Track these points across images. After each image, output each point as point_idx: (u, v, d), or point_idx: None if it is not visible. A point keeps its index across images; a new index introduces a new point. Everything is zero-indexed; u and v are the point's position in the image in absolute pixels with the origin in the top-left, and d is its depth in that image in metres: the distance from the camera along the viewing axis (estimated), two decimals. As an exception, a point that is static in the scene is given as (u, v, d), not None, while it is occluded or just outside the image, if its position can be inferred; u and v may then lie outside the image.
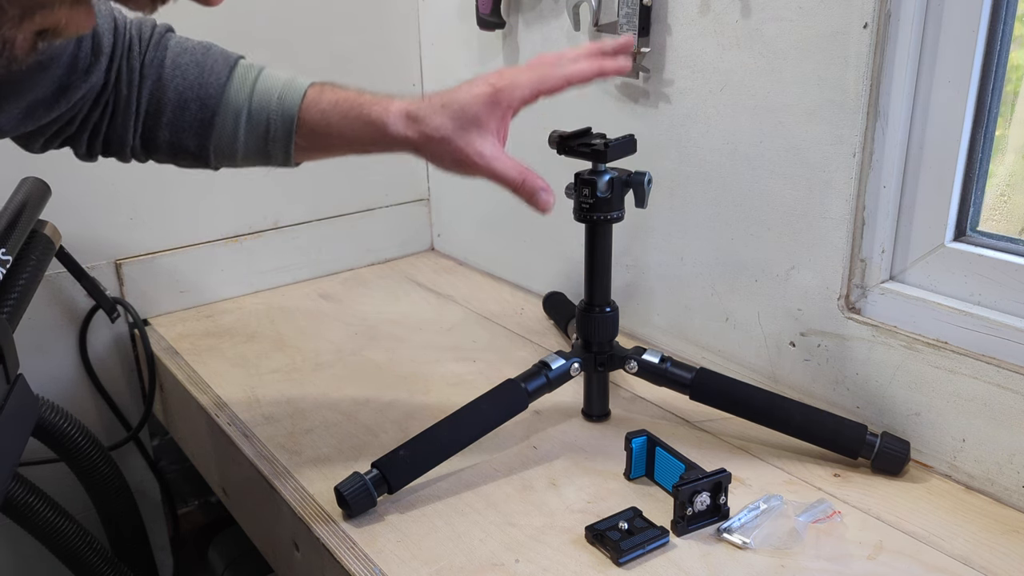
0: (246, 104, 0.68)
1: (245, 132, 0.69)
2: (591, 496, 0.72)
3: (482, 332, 1.06)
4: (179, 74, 0.67)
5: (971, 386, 0.71)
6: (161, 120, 0.68)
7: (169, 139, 0.68)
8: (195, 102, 0.67)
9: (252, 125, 0.68)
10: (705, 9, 0.84)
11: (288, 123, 0.68)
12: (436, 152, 0.67)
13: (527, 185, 0.68)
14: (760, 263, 0.86)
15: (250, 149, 0.70)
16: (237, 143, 0.69)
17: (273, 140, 0.69)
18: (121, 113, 0.67)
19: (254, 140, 0.69)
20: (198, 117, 0.68)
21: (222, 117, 0.68)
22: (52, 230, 0.81)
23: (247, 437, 0.83)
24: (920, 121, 0.74)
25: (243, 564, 1.15)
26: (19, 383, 0.59)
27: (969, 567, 0.63)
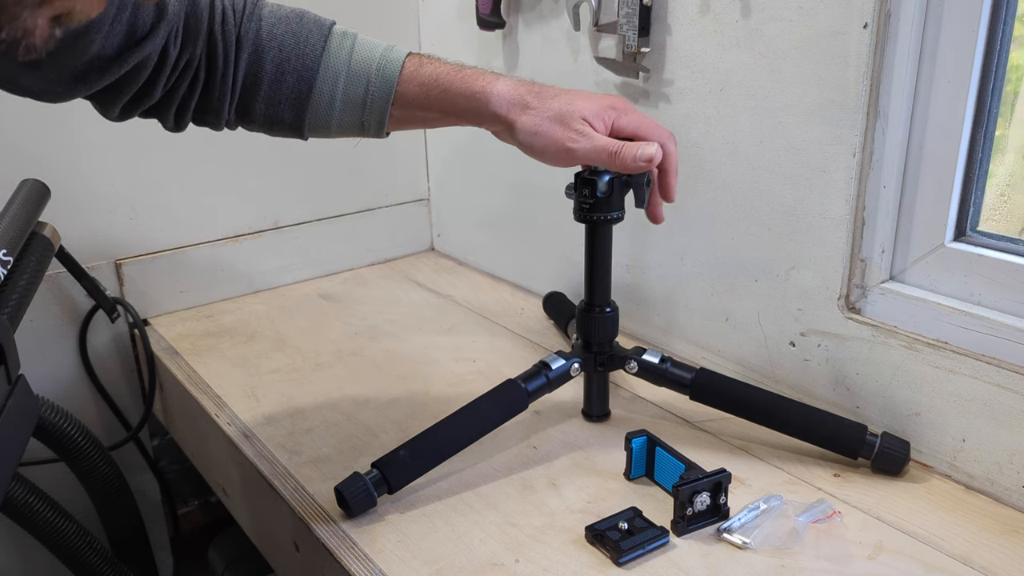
0: (343, 75, 0.67)
1: (341, 103, 0.68)
2: (591, 496, 0.72)
3: (482, 332, 1.06)
4: (275, 45, 0.66)
5: (971, 386, 0.71)
6: (258, 93, 0.67)
7: (265, 112, 0.68)
8: (292, 74, 0.67)
9: (349, 97, 0.68)
10: (705, 9, 0.84)
11: (386, 95, 0.68)
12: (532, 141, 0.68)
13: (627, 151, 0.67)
14: (760, 263, 0.86)
15: (345, 120, 0.69)
16: (333, 114, 0.69)
17: (369, 111, 0.68)
18: (217, 86, 0.66)
19: (350, 112, 0.69)
20: (295, 89, 0.67)
21: (319, 89, 0.67)
22: (51, 231, 0.82)
23: (247, 437, 0.83)
24: (920, 121, 0.74)
25: (243, 564, 1.15)
26: (20, 383, 0.59)
27: (969, 567, 0.63)
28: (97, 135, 1.02)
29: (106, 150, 1.04)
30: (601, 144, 0.67)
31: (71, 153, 1.01)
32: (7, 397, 0.56)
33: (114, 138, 1.04)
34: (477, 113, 0.68)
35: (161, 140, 1.07)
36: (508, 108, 0.67)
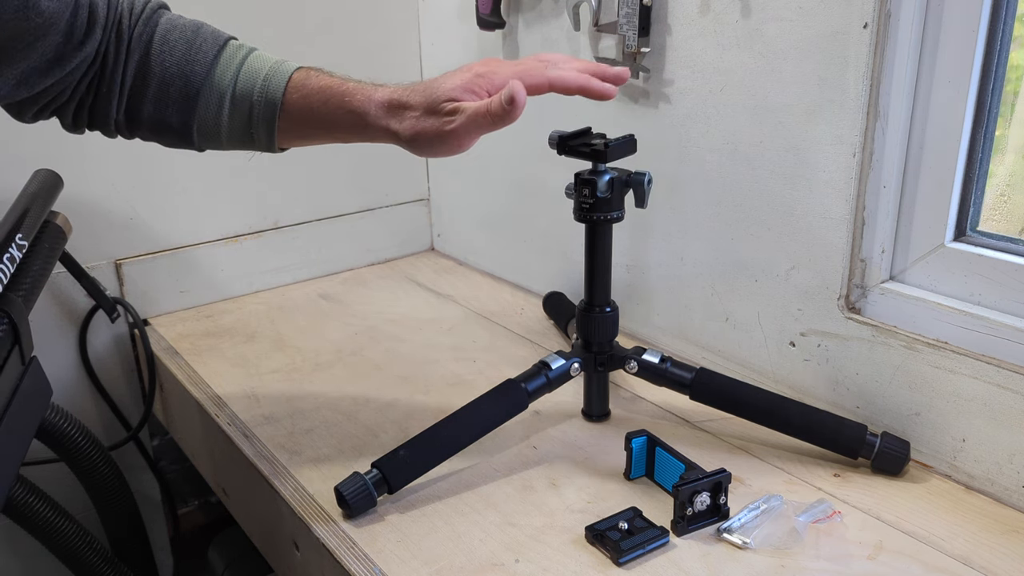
0: (231, 85, 0.67)
1: (229, 112, 0.68)
2: (591, 496, 0.72)
3: (482, 332, 1.06)
4: (166, 50, 0.67)
5: (971, 386, 0.71)
6: (146, 95, 0.67)
7: (152, 114, 0.68)
8: (180, 79, 0.67)
9: (236, 106, 0.68)
10: (705, 9, 0.84)
11: (272, 106, 0.67)
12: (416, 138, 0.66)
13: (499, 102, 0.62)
14: (760, 263, 0.86)
15: (234, 130, 0.69)
16: (221, 123, 0.68)
17: (256, 123, 0.68)
18: (106, 84, 0.66)
19: (238, 121, 0.68)
20: (183, 93, 0.67)
21: (206, 96, 0.67)
22: (63, 220, 0.83)
23: (247, 437, 0.83)
24: (920, 121, 0.74)
25: (243, 564, 1.15)
26: (33, 365, 0.60)
27: (969, 567, 0.63)
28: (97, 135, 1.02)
29: (106, 150, 1.03)
30: (471, 112, 0.64)
31: (71, 153, 1.01)
32: (21, 377, 0.57)
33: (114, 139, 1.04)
34: (363, 129, 0.67)
35: (161, 140, 1.08)
36: (386, 119, 0.66)
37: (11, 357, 0.56)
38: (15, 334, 0.57)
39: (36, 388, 0.60)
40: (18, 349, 0.57)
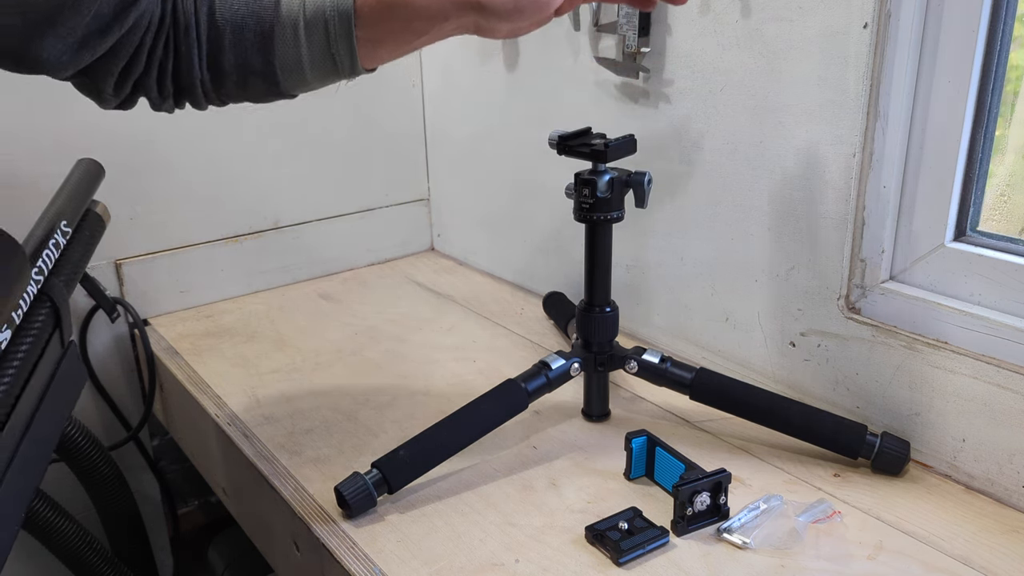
0: (300, 10, 0.67)
1: (306, 38, 0.67)
2: (591, 496, 0.72)
3: (482, 332, 1.06)
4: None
5: (971, 386, 0.71)
6: (223, 44, 0.67)
7: (235, 62, 0.67)
8: (251, 18, 0.66)
9: (311, 29, 0.67)
10: (705, 9, 0.84)
11: (347, 16, 0.66)
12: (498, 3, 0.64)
13: None
14: (760, 263, 0.86)
15: (315, 58, 0.68)
16: (301, 53, 0.68)
17: (335, 39, 0.67)
18: (184, 43, 0.66)
19: (317, 45, 0.68)
20: (257, 32, 0.67)
21: (281, 27, 0.67)
22: (103, 209, 0.85)
23: (247, 437, 0.83)
24: (920, 121, 0.74)
25: (243, 564, 1.15)
26: (71, 349, 0.61)
27: (969, 567, 0.63)
28: (97, 135, 1.02)
29: (106, 149, 1.03)
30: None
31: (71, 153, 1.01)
32: (60, 360, 0.58)
33: (115, 137, 1.04)
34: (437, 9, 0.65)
35: (161, 139, 1.08)
36: None
37: (52, 341, 0.58)
38: (57, 318, 0.59)
39: (73, 372, 0.61)
40: (59, 333, 0.59)
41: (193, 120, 1.09)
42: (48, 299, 0.59)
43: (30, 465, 0.52)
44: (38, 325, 0.56)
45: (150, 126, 1.06)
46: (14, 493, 0.49)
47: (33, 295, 0.58)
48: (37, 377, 0.55)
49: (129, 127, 1.04)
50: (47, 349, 0.57)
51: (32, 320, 0.56)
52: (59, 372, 0.58)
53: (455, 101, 1.24)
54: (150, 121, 1.05)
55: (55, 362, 0.58)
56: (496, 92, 1.13)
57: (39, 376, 0.55)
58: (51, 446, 0.58)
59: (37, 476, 0.55)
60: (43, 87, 0.92)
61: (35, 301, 0.58)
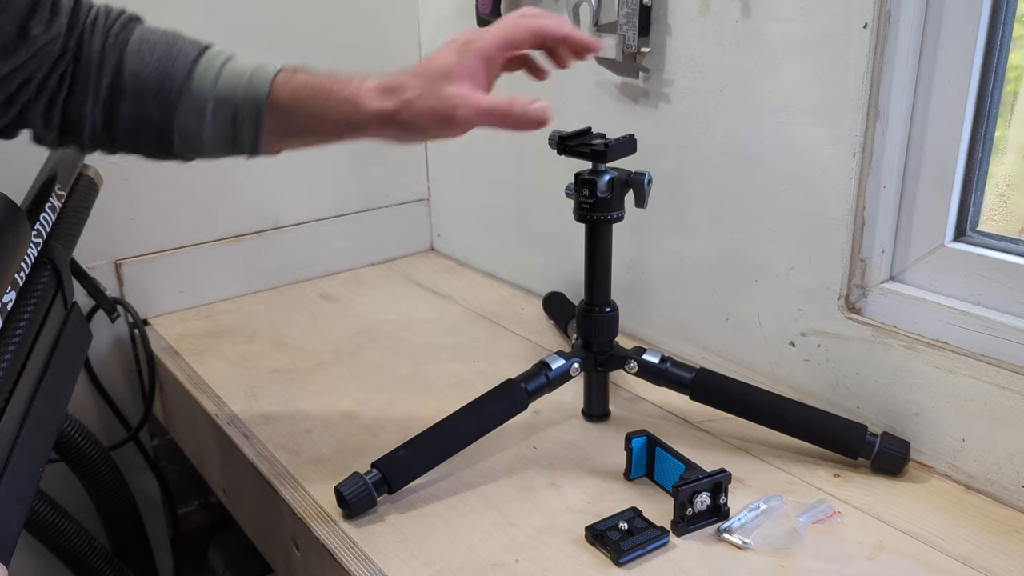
0: (214, 84, 0.66)
1: (212, 112, 0.66)
2: (591, 496, 0.72)
3: (482, 332, 1.06)
4: (147, 49, 0.65)
5: (971, 386, 0.71)
6: (124, 92, 0.65)
7: (132, 113, 0.66)
8: (160, 75, 0.65)
9: (220, 105, 0.66)
10: (705, 9, 0.84)
11: (257, 103, 0.66)
12: (415, 119, 0.64)
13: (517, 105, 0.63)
14: (760, 263, 0.86)
15: (219, 132, 0.67)
16: (204, 123, 0.66)
17: (241, 122, 0.66)
18: (82, 81, 0.64)
19: (222, 121, 0.66)
20: (164, 89, 0.65)
21: (188, 95, 0.66)
22: (95, 173, 0.85)
23: (247, 437, 0.83)
24: (920, 121, 0.74)
25: (243, 564, 1.15)
26: (75, 310, 0.61)
27: (969, 567, 0.63)
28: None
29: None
30: (485, 106, 0.63)
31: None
32: (64, 321, 0.59)
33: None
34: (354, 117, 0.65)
35: (161, 140, 1.08)
36: (379, 99, 0.64)
37: (55, 302, 0.58)
38: (58, 280, 0.59)
39: (78, 332, 0.62)
40: (61, 295, 0.59)
41: (193, 120, 1.09)
42: (48, 261, 0.59)
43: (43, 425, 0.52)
44: (41, 287, 0.57)
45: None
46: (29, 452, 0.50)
47: (34, 258, 0.58)
48: (44, 338, 0.55)
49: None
50: (51, 310, 0.57)
51: (35, 282, 0.57)
52: (64, 332, 0.59)
53: (455, 101, 1.23)
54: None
55: (60, 322, 0.59)
56: (496, 92, 1.13)
57: (45, 336, 0.56)
58: (62, 406, 0.58)
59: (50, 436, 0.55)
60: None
61: (36, 264, 0.58)
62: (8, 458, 0.47)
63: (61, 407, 0.58)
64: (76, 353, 0.62)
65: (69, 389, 0.60)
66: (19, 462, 0.48)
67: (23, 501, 0.48)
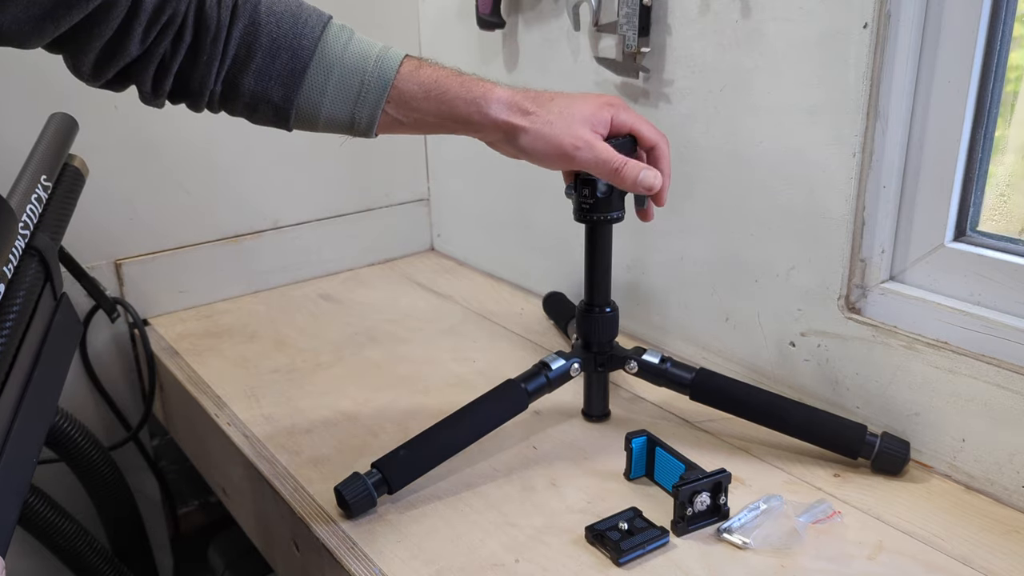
0: (339, 61, 0.66)
1: (334, 89, 0.66)
2: (591, 496, 0.72)
3: (482, 332, 1.06)
4: (274, 21, 0.65)
5: (971, 386, 0.71)
6: (250, 66, 0.65)
7: (254, 88, 0.66)
8: (287, 51, 0.65)
9: (343, 83, 0.66)
10: (705, 9, 0.84)
11: (381, 89, 0.66)
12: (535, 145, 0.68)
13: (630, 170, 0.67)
14: (760, 263, 0.86)
15: (335, 109, 0.67)
16: (324, 100, 0.67)
17: (362, 104, 0.67)
18: (206, 50, 0.64)
19: (342, 100, 0.67)
20: (289, 67, 0.65)
21: (314, 70, 0.66)
22: (81, 163, 0.85)
23: (247, 437, 0.83)
24: (920, 121, 0.74)
25: (243, 564, 1.15)
26: (64, 301, 0.62)
27: (969, 567, 0.63)
28: (97, 135, 1.02)
29: (106, 150, 1.04)
30: (604, 157, 0.67)
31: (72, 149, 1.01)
32: (54, 312, 0.59)
33: (114, 138, 1.04)
34: (475, 119, 0.67)
35: (161, 139, 1.08)
36: (508, 113, 0.67)
37: (44, 293, 0.58)
38: (47, 271, 0.59)
39: (68, 323, 0.62)
40: (50, 286, 0.59)
41: (193, 121, 1.09)
42: (36, 252, 0.59)
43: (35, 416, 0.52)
44: (29, 279, 0.57)
45: (150, 127, 1.06)
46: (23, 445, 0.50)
47: (21, 250, 0.58)
48: (34, 330, 0.55)
49: (129, 128, 1.04)
50: (40, 302, 0.57)
51: (23, 274, 0.57)
52: (54, 323, 0.59)
53: (455, 101, 1.23)
54: (150, 122, 1.06)
55: (49, 314, 0.59)
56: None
57: (36, 328, 0.56)
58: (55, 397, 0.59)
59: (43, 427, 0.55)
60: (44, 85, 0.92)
61: (24, 256, 0.58)
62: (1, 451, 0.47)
63: (53, 398, 0.58)
64: (67, 343, 0.62)
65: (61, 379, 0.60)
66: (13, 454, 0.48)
67: (18, 493, 0.49)
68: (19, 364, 0.52)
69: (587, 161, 0.68)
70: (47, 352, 0.57)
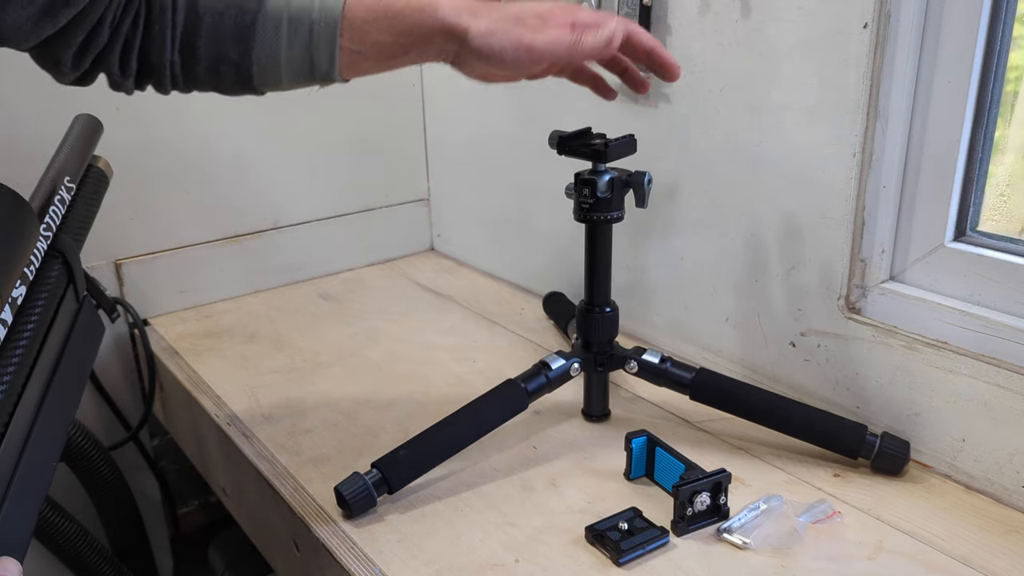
0: (286, 5, 0.66)
1: (288, 34, 0.66)
2: (591, 496, 0.72)
3: (482, 332, 1.06)
4: None
5: (971, 386, 0.71)
6: (200, 29, 0.65)
7: (210, 51, 0.66)
8: (234, 7, 0.65)
9: (295, 26, 0.66)
10: (705, 9, 0.84)
11: (334, 19, 0.66)
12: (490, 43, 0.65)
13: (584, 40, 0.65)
14: (760, 263, 0.86)
15: (293, 57, 0.67)
16: (279, 50, 0.67)
17: (317, 40, 0.66)
18: (157, 21, 0.64)
19: (298, 46, 0.67)
20: (239, 21, 0.65)
21: (262, 23, 0.66)
22: (105, 164, 0.85)
23: (247, 437, 0.83)
24: (920, 121, 0.74)
25: (243, 564, 1.15)
26: (86, 303, 0.62)
27: (969, 567, 0.63)
28: (97, 135, 1.02)
29: (106, 150, 1.03)
30: (557, 34, 0.65)
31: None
32: (76, 314, 0.59)
33: (114, 138, 1.04)
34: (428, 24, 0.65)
35: (161, 140, 1.08)
36: (457, 15, 0.65)
37: (66, 295, 0.58)
38: (69, 273, 0.59)
39: (91, 325, 0.62)
40: (72, 288, 0.59)
41: (194, 121, 1.09)
42: (59, 254, 0.60)
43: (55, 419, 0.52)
44: (52, 280, 0.57)
45: (151, 127, 1.06)
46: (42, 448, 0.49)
47: (44, 251, 0.58)
48: (55, 332, 0.56)
49: (129, 127, 1.04)
50: (63, 303, 0.57)
51: (45, 276, 0.57)
52: (76, 325, 0.59)
53: (455, 101, 1.24)
54: (151, 122, 1.06)
55: (72, 316, 0.59)
56: (496, 92, 1.13)
57: (57, 330, 0.56)
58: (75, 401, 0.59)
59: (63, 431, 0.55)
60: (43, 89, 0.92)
61: (46, 257, 0.59)
62: (21, 453, 0.47)
63: (74, 401, 0.58)
64: (88, 347, 0.63)
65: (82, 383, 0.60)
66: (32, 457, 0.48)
67: (36, 499, 0.48)
68: (40, 367, 0.52)
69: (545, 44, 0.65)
70: (68, 355, 0.57)
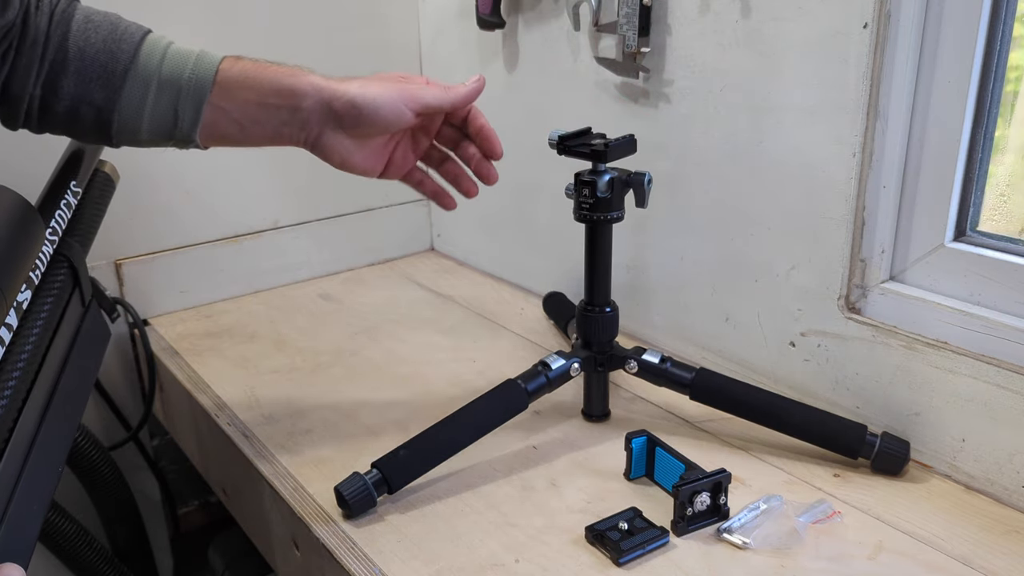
0: (159, 66, 0.66)
1: (156, 93, 0.66)
2: (591, 496, 0.72)
3: (482, 332, 1.06)
4: (91, 27, 0.65)
5: (971, 386, 0.71)
6: (67, 68, 0.64)
7: (74, 91, 0.65)
8: (106, 54, 0.65)
9: (165, 85, 0.66)
10: (705, 9, 0.84)
11: (203, 86, 0.66)
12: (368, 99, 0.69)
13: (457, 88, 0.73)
14: (760, 263, 0.86)
15: (157, 115, 0.66)
16: (146, 105, 0.66)
17: (184, 104, 0.66)
18: (25, 55, 0.63)
19: (164, 104, 0.66)
20: (108, 69, 0.65)
21: (134, 73, 0.65)
22: (111, 169, 0.85)
23: (247, 437, 0.83)
24: (920, 121, 0.74)
25: (243, 564, 1.15)
26: (92, 307, 0.61)
27: (969, 567, 0.63)
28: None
29: (105, 150, 1.03)
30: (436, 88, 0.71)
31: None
32: (82, 319, 0.59)
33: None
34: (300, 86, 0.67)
35: (161, 140, 1.08)
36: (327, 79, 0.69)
37: (72, 300, 0.58)
38: (75, 278, 0.59)
39: (97, 329, 0.62)
40: (78, 292, 0.59)
41: (193, 120, 1.09)
42: (64, 259, 0.59)
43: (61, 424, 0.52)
44: (58, 284, 0.57)
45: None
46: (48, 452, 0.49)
47: (49, 255, 0.58)
48: (61, 336, 0.55)
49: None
50: (68, 308, 0.57)
51: (51, 280, 0.57)
52: (82, 329, 0.59)
53: (455, 101, 1.23)
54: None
55: (77, 320, 0.59)
56: (496, 92, 1.13)
57: (63, 334, 0.56)
58: (81, 405, 0.58)
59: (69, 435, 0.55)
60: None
61: (52, 261, 0.58)
62: (26, 458, 0.47)
63: (79, 406, 0.58)
64: (95, 351, 0.62)
65: (88, 388, 0.60)
66: (38, 462, 0.48)
67: (42, 503, 0.48)
68: (45, 372, 0.52)
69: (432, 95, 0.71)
70: (74, 359, 0.57)
